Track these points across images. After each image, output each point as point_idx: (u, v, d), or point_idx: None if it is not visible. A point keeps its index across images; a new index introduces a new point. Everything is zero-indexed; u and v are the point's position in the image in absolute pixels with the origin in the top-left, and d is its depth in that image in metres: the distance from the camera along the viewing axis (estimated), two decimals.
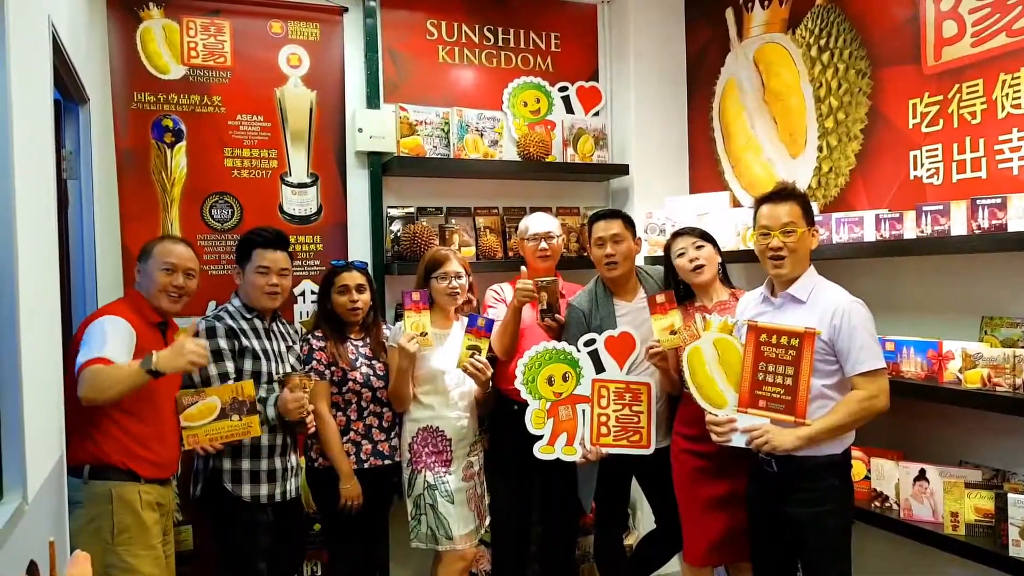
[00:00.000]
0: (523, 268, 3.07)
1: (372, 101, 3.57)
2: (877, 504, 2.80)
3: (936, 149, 2.79)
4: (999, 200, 2.37)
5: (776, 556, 2.55)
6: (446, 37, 3.80)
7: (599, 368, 2.88)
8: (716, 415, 2.52)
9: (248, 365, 2.77)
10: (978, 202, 2.44)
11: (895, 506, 2.75)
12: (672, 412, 2.93)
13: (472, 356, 2.91)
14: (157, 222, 3.20)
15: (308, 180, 3.47)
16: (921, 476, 2.69)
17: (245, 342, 2.76)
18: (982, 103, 2.63)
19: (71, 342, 2.51)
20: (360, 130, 3.51)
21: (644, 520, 3.78)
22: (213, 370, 2.70)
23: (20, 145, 1.78)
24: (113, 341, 2.36)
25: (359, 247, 3.56)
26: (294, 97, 3.43)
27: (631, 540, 3.71)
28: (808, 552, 2.43)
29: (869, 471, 2.84)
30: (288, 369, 2.88)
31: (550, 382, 2.89)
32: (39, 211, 2.01)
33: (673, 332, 2.70)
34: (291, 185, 3.44)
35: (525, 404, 2.89)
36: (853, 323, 2.34)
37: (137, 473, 2.48)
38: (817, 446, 2.36)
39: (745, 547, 2.68)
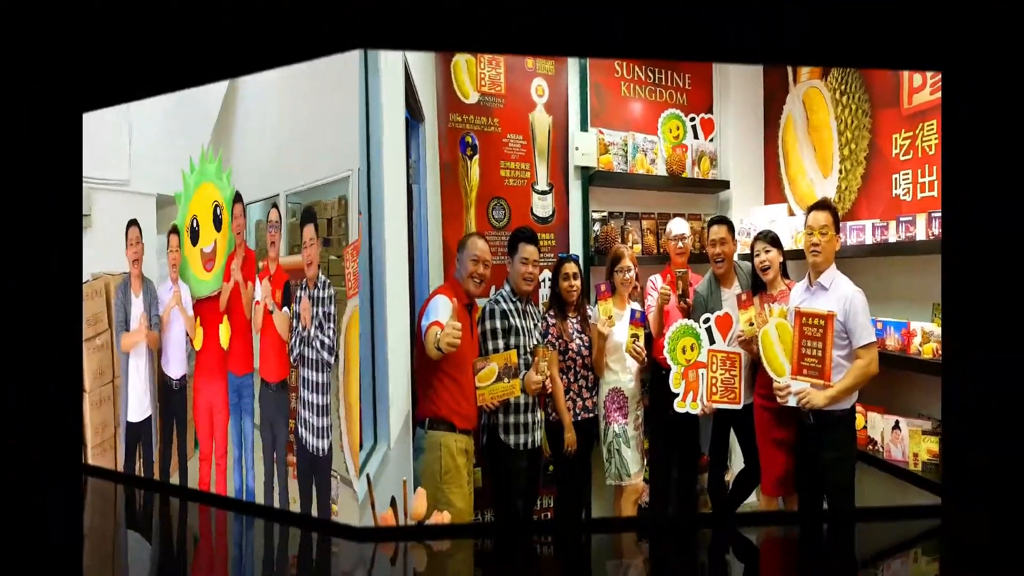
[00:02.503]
0: (661, 279, 3.83)
1: (583, 125, 4.39)
2: (870, 447, 3.40)
3: (908, 173, 3.47)
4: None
5: (811, 487, 3.18)
6: (626, 75, 4.66)
7: (711, 340, 3.55)
8: (779, 382, 3.15)
9: (513, 341, 3.34)
10: (933, 215, 3.08)
11: (880, 449, 3.34)
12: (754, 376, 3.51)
13: (634, 343, 3.65)
14: (462, 222, 3.85)
15: (547, 188, 4.25)
16: (896, 426, 3.26)
17: (513, 321, 3.37)
18: (935, 138, 3.27)
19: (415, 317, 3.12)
20: (576, 148, 4.32)
21: (736, 461, 4.28)
22: (489, 346, 3.31)
23: (388, 156, 2.32)
24: (444, 313, 3.01)
25: (574, 244, 4.38)
26: (539, 120, 4.17)
27: (728, 477, 4.22)
28: (829, 485, 3.09)
29: (866, 422, 3.45)
30: (535, 343, 3.46)
31: (684, 351, 3.57)
32: (396, 209, 2.54)
33: (751, 323, 3.33)
34: (538, 192, 4.21)
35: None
36: (856, 307, 2.95)
37: (455, 425, 3.08)
38: (837, 403, 2.99)
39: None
